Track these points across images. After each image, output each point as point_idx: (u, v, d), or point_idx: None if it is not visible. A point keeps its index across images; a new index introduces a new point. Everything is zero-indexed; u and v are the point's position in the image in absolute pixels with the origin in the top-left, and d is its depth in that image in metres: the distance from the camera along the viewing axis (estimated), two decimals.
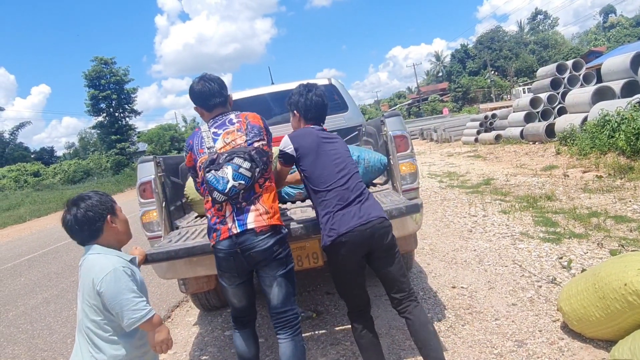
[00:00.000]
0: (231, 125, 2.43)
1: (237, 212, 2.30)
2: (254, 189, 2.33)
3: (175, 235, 3.15)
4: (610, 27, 61.43)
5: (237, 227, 2.27)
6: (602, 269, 2.65)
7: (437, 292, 3.90)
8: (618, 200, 5.89)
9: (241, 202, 2.30)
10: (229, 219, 2.31)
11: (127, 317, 1.84)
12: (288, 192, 3.64)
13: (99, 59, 39.90)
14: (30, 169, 36.23)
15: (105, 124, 41.55)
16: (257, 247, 2.28)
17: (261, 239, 2.28)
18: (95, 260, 1.91)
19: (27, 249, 10.65)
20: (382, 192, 3.42)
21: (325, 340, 3.37)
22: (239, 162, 2.26)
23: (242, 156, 2.28)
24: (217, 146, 2.37)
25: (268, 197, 2.37)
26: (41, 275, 7.31)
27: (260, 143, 2.40)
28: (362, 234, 2.31)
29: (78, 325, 1.96)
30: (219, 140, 2.39)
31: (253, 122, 2.46)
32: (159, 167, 3.33)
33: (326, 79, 5.23)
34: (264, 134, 2.45)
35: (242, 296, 2.51)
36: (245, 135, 2.40)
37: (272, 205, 2.37)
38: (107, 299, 1.83)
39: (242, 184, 2.25)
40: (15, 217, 20.00)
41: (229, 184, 2.24)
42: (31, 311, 5.40)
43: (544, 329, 3.01)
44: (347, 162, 2.54)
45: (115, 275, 1.84)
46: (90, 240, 1.98)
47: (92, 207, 1.95)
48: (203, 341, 3.77)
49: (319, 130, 2.67)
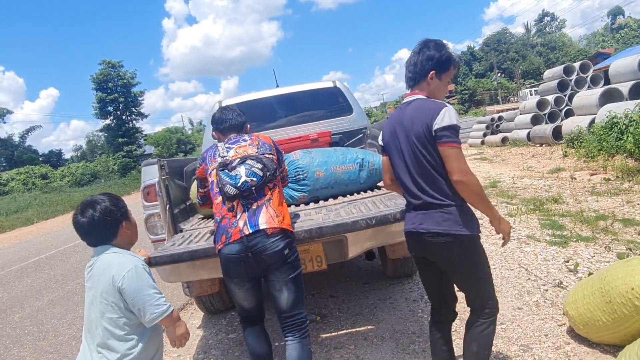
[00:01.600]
0: (244, 142, 2.59)
1: (248, 213, 2.34)
2: (264, 191, 2.38)
3: (179, 238, 3.15)
4: (618, 29, 60.99)
5: (249, 228, 2.29)
6: (609, 273, 2.62)
7: None
8: (626, 203, 5.82)
9: (252, 202, 2.35)
10: (240, 220, 2.33)
11: (149, 312, 1.87)
12: (292, 195, 3.63)
13: (107, 62, 40.31)
14: (39, 172, 36.55)
15: (112, 127, 41.90)
16: (269, 250, 2.29)
17: (273, 240, 2.30)
18: (113, 258, 1.94)
19: (34, 251, 10.72)
20: (387, 195, 3.40)
21: (329, 344, 3.35)
22: (251, 163, 2.37)
23: (254, 159, 2.41)
24: (229, 155, 2.52)
25: (277, 201, 2.43)
26: (47, 278, 7.35)
27: (270, 156, 2.54)
28: (413, 238, 2.21)
29: (86, 326, 1.96)
30: (231, 151, 2.54)
31: (264, 139, 2.64)
32: (163, 170, 3.34)
33: (331, 82, 5.23)
34: (274, 150, 2.62)
35: (252, 299, 2.52)
36: (256, 148, 2.55)
37: (281, 210, 2.41)
38: (129, 295, 1.86)
39: (254, 180, 2.32)
40: (23, 219, 20.17)
41: (242, 179, 2.31)
42: (37, 313, 5.43)
43: (549, 334, 2.97)
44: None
45: (137, 272, 1.89)
46: (102, 243, 2.00)
47: (109, 212, 1.98)
48: (207, 344, 3.76)
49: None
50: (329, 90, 5.17)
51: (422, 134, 2.04)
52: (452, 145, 1.97)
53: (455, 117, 2.00)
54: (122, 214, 2.04)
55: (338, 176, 3.61)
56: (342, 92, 5.12)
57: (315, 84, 5.28)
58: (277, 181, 2.50)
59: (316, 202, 3.61)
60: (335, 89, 5.15)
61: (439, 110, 2.00)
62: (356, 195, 3.59)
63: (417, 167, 2.09)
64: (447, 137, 1.96)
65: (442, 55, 2.12)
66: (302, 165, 3.57)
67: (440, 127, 1.96)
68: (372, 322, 3.58)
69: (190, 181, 4.05)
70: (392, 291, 4.13)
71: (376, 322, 3.55)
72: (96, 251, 2.00)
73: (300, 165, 3.57)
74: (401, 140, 2.16)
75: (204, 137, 5.22)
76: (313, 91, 5.22)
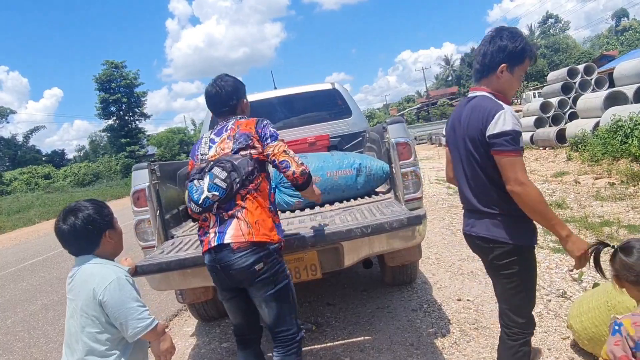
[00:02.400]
0: (225, 133, 2.33)
1: (220, 223, 2.18)
2: (235, 200, 2.17)
3: (169, 245, 3.05)
4: (623, 31, 60.72)
5: (216, 240, 2.15)
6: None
7: (442, 305, 3.76)
8: (631, 209, 5.69)
9: (222, 212, 2.17)
10: (211, 230, 2.19)
11: (132, 326, 1.77)
12: (287, 201, 3.53)
13: (110, 62, 40.35)
14: (41, 172, 36.56)
15: (115, 127, 41.92)
16: (236, 266, 2.13)
17: (239, 256, 2.12)
18: (94, 269, 1.84)
19: (32, 252, 10.66)
20: (384, 201, 3.29)
21: (324, 355, 3.24)
22: (216, 172, 2.15)
23: (222, 165, 2.17)
24: (210, 154, 2.31)
25: (253, 209, 2.19)
26: (43, 281, 7.27)
27: (247, 152, 2.24)
28: (467, 239, 2.18)
29: (66, 340, 1.87)
30: (213, 147, 2.32)
31: (243, 129, 2.30)
32: (154, 174, 3.24)
33: (329, 84, 5.13)
34: (254, 140, 2.26)
35: (236, 312, 2.38)
36: (232, 143, 2.27)
37: (257, 220, 2.17)
38: (110, 309, 1.76)
39: (216, 195, 2.14)
40: (25, 219, 20.15)
41: (203, 194, 2.15)
42: (29, 318, 5.34)
43: (553, 347, 2.86)
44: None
45: (119, 284, 1.79)
46: (84, 252, 1.90)
47: (92, 220, 1.87)
48: (200, 353, 3.66)
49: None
50: (328, 92, 5.07)
51: (475, 138, 1.89)
52: (505, 155, 1.79)
53: (512, 122, 1.79)
54: (106, 223, 1.92)
55: (334, 181, 3.51)
56: (341, 95, 5.02)
57: (313, 86, 5.18)
58: (255, 184, 2.22)
59: (312, 208, 3.50)
60: (334, 91, 5.05)
61: (494, 114, 1.81)
62: (353, 202, 3.49)
63: (470, 171, 1.98)
64: (501, 145, 1.79)
65: (517, 45, 1.89)
66: None
67: (493, 133, 1.80)
68: (370, 332, 3.47)
69: (185, 185, 3.96)
70: (390, 299, 4.02)
71: (373, 332, 3.44)
72: (77, 261, 1.90)
73: None
74: (458, 139, 2.03)
75: None
76: (312, 93, 5.12)
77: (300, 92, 5.11)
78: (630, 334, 1.60)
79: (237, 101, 2.44)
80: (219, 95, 2.41)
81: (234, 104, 2.43)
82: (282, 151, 2.23)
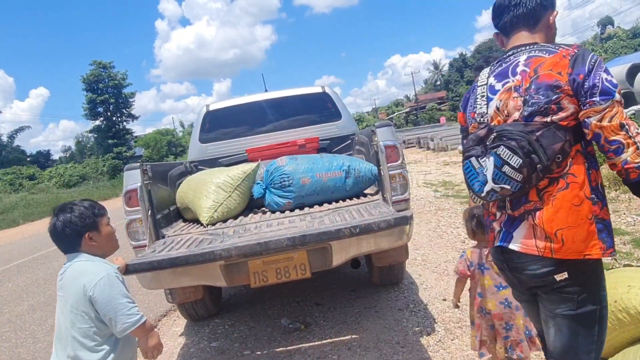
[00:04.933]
0: (512, 77, 1.57)
1: (505, 218, 1.63)
2: (527, 197, 1.53)
3: (160, 244, 3.09)
4: (608, 39, 61.87)
5: (499, 240, 1.63)
6: None
7: (428, 305, 3.84)
8: (612, 212, 5.84)
9: (509, 209, 1.60)
10: (496, 223, 1.66)
11: (121, 322, 1.82)
12: (277, 202, 3.59)
13: (98, 62, 39.97)
14: (26, 173, 36.03)
15: (102, 128, 41.50)
16: (526, 271, 1.58)
17: (530, 261, 1.56)
18: (84, 266, 1.88)
19: (18, 253, 10.53)
20: (372, 203, 3.37)
21: (313, 354, 3.30)
22: (504, 155, 1.46)
23: (513, 144, 1.45)
24: (489, 113, 1.63)
25: (555, 211, 1.48)
26: (29, 282, 7.20)
27: (550, 118, 1.45)
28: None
29: (57, 335, 1.91)
30: (493, 101, 1.62)
31: (545, 74, 1.47)
32: (146, 175, 3.28)
33: (320, 87, 5.20)
34: (562, 96, 1.44)
35: (536, 318, 1.80)
36: (522, 101, 1.50)
37: (560, 228, 1.47)
38: (100, 304, 1.81)
39: (507, 189, 1.49)
40: (8, 220, 19.84)
41: (487, 186, 1.53)
42: (16, 319, 5.30)
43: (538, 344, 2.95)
44: None
45: (109, 280, 1.83)
46: (70, 250, 1.94)
47: (69, 223, 1.90)
48: (189, 352, 3.69)
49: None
50: (318, 96, 5.14)
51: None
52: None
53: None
54: (85, 226, 1.92)
55: (324, 183, 3.57)
56: (331, 98, 5.09)
57: (304, 89, 5.25)
58: (563, 169, 1.47)
59: (301, 209, 3.57)
60: (324, 95, 5.12)
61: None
62: (342, 203, 3.56)
63: None
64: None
65: None
66: (288, 172, 3.53)
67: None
68: (357, 331, 3.53)
69: (176, 186, 4.00)
70: (377, 299, 4.09)
71: (361, 332, 3.51)
72: (68, 258, 1.95)
73: (286, 172, 3.53)
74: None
75: (191, 140, 5.17)
76: (302, 96, 5.19)
77: (291, 95, 5.17)
78: (469, 257, 2.51)
79: (541, 11, 1.63)
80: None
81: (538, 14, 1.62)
82: (617, 125, 1.39)
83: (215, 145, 4.89)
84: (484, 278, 2.46)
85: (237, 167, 3.79)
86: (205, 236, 3.14)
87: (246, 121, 5.04)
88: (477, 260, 2.49)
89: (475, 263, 2.49)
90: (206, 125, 4.98)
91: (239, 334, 3.87)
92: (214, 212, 3.50)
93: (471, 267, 2.50)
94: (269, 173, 3.67)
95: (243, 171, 3.68)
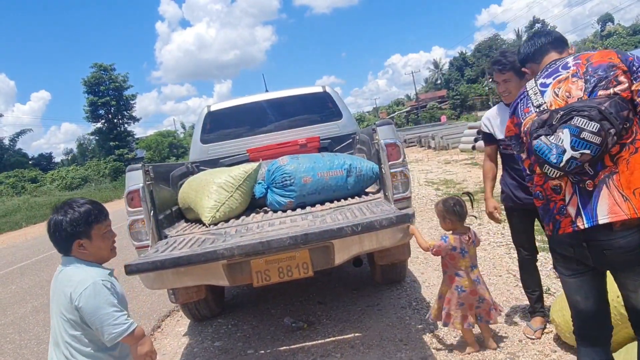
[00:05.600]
0: (564, 71, 1.81)
1: (581, 197, 1.71)
2: (603, 162, 1.68)
3: (163, 244, 3.10)
4: (608, 36, 61.78)
5: (585, 222, 1.70)
6: None
7: (431, 303, 3.84)
8: None
9: (584, 179, 1.70)
10: (570, 206, 1.74)
11: (107, 332, 1.77)
12: (279, 201, 3.60)
13: (99, 65, 40.04)
14: (28, 175, 36.13)
15: (103, 131, 41.58)
16: (615, 246, 1.68)
17: (621, 236, 1.66)
18: (72, 273, 1.84)
19: (21, 256, 10.57)
20: (374, 201, 3.38)
21: (316, 352, 3.31)
22: (579, 124, 1.62)
23: (585, 113, 1.62)
24: (546, 100, 1.81)
25: (630, 173, 1.65)
26: (33, 284, 7.23)
27: (610, 90, 1.68)
28: None
29: (53, 338, 1.89)
30: (547, 92, 1.82)
31: (598, 60, 1.75)
32: (147, 175, 3.29)
33: (320, 87, 5.21)
34: (618, 73, 1.69)
35: (586, 293, 1.90)
36: (583, 81, 1.73)
37: (636, 189, 1.64)
38: (86, 314, 1.76)
39: (587, 154, 1.63)
40: (11, 223, 19.89)
41: (566, 154, 1.64)
42: (20, 320, 5.33)
43: (536, 341, 2.96)
44: None
45: (94, 289, 1.77)
46: (63, 253, 1.90)
47: (59, 227, 1.83)
48: (192, 352, 3.71)
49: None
50: (319, 95, 5.15)
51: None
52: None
53: None
54: (76, 234, 1.83)
55: (325, 182, 3.58)
56: (331, 97, 5.10)
57: (304, 89, 5.26)
58: (630, 135, 1.67)
59: (303, 208, 3.58)
60: (325, 94, 5.13)
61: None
62: (343, 202, 3.57)
63: None
64: None
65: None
66: (289, 171, 3.54)
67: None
68: (360, 329, 3.54)
69: (178, 186, 4.02)
70: (380, 298, 4.10)
71: (363, 330, 3.52)
72: (61, 261, 1.91)
73: (287, 171, 3.54)
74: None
75: (192, 140, 5.18)
76: (303, 96, 5.20)
77: (292, 95, 5.18)
78: (452, 243, 2.88)
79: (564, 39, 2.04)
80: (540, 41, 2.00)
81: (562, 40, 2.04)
82: None
83: (216, 145, 4.90)
84: (464, 260, 2.90)
85: (239, 167, 3.80)
86: (208, 236, 3.15)
87: (247, 121, 5.05)
88: (459, 245, 2.89)
89: (457, 247, 2.89)
90: (207, 126, 5.00)
91: (242, 333, 3.88)
92: (216, 212, 3.52)
93: (454, 251, 2.89)
94: (270, 172, 3.68)
95: (245, 171, 3.69)
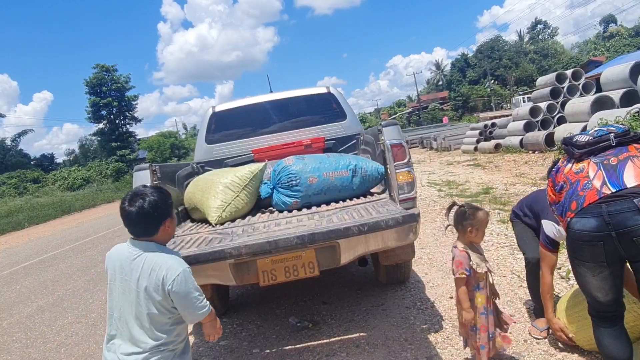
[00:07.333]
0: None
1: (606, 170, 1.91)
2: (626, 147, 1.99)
3: (170, 243, 3.12)
4: (610, 37, 61.69)
5: (611, 187, 1.83)
6: None
7: (435, 302, 3.87)
8: None
9: (609, 157, 1.95)
10: (595, 180, 1.93)
11: (194, 312, 2.00)
12: (284, 201, 3.62)
13: (101, 66, 40.14)
14: (30, 176, 36.25)
15: (105, 131, 41.69)
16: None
17: None
18: (161, 259, 1.98)
19: (25, 256, 10.60)
20: (379, 201, 3.40)
21: (321, 352, 3.33)
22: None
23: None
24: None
25: None
26: (37, 283, 7.26)
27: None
28: None
29: (118, 314, 2.00)
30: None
31: None
32: (155, 175, 3.32)
33: (324, 88, 5.23)
34: None
35: (610, 289, 2.02)
36: None
37: None
38: (177, 298, 1.95)
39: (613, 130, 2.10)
40: (13, 223, 19.92)
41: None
42: (26, 320, 5.36)
43: (542, 341, 2.97)
44: None
45: (184, 276, 1.96)
46: (145, 235, 2.02)
47: (157, 207, 1.99)
48: (198, 351, 3.72)
49: None
50: (323, 96, 5.17)
51: None
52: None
53: None
54: (169, 212, 2.06)
55: (331, 182, 3.60)
56: (335, 98, 5.12)
57: (309, 90, 5.29)
58: None
59: (309, 208, 3.60)
60: (329, 95, 5.16)
61: None
62: (349, 202, 3.59)
63: None
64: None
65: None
66: (295, 171, 3.56)
67: None
68: (365, 329, 3.56)
69: (184, 186, 4.04)
70: (384, 298, 4.11)
71: (368, 329, 3.53)
72: (140, 246, 2.00)
73: (293, 171, 3.57)
74: None
75: (197, 141, 5.21)
76: (307, 97, 5.23)
77: (296, 96, 5.21)
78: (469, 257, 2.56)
79: None
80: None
81: None
82: None
83: (221, 146, 4.93)
84: (483, 274, 2.57)
85: (245, 167, 3.82)
86: (215, 235, 3.18)
87: (252, 122, 5.08)
88: (475, 258, 2.57)
89: (474, 261, 2.55)
90: (212, 127, 5.02)
91: (247, 332, 3.90)
92: (222, 212, 3.54)
93: (474, 265, 2.53)
94: (276, 173, 3.71)
95: (250, 171, 3.71)
